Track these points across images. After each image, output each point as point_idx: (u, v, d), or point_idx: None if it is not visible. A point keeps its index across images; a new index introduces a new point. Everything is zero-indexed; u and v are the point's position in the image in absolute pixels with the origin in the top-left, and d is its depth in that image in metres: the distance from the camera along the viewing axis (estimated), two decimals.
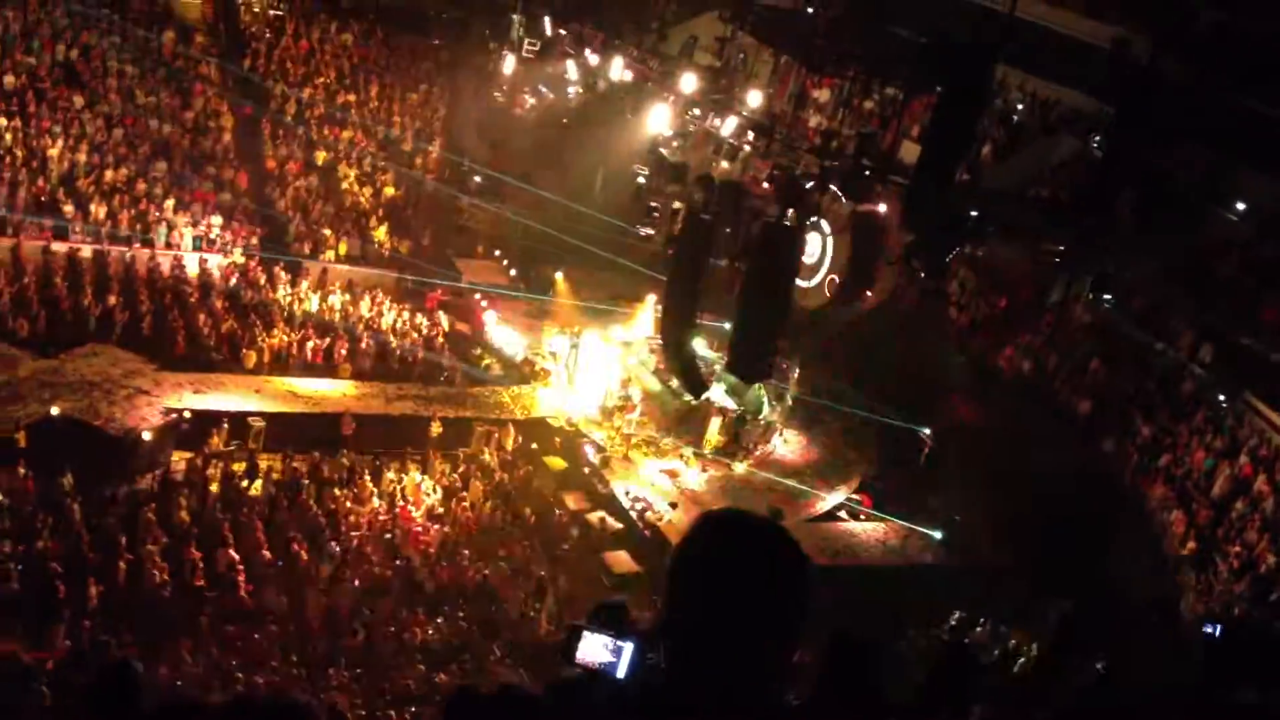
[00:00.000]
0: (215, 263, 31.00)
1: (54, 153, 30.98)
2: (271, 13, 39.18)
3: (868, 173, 24.02)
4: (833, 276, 22.78)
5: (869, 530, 26.55)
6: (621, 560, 24.31)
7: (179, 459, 24.39)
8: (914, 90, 28.97)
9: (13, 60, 32.38)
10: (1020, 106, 32.66)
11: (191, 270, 30.49)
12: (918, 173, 21.40)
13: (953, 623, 22.17)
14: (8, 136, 30.74)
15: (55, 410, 23.88)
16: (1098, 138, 29.01)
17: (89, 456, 23.11)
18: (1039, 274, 27.42)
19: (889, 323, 26.27)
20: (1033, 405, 26.70)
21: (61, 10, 34.02)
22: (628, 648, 3.02)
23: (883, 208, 22.16)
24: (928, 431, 27.59)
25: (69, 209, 30.09)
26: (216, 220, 31.81)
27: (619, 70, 29.49)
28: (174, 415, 24.95)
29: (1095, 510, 23.24)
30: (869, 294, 22.84)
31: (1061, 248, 24.84)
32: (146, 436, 24.11)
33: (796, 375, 29.06)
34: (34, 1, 33.91)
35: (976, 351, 28.55)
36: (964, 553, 25.41)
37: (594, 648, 3.06)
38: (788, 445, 29.35)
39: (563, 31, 32.53)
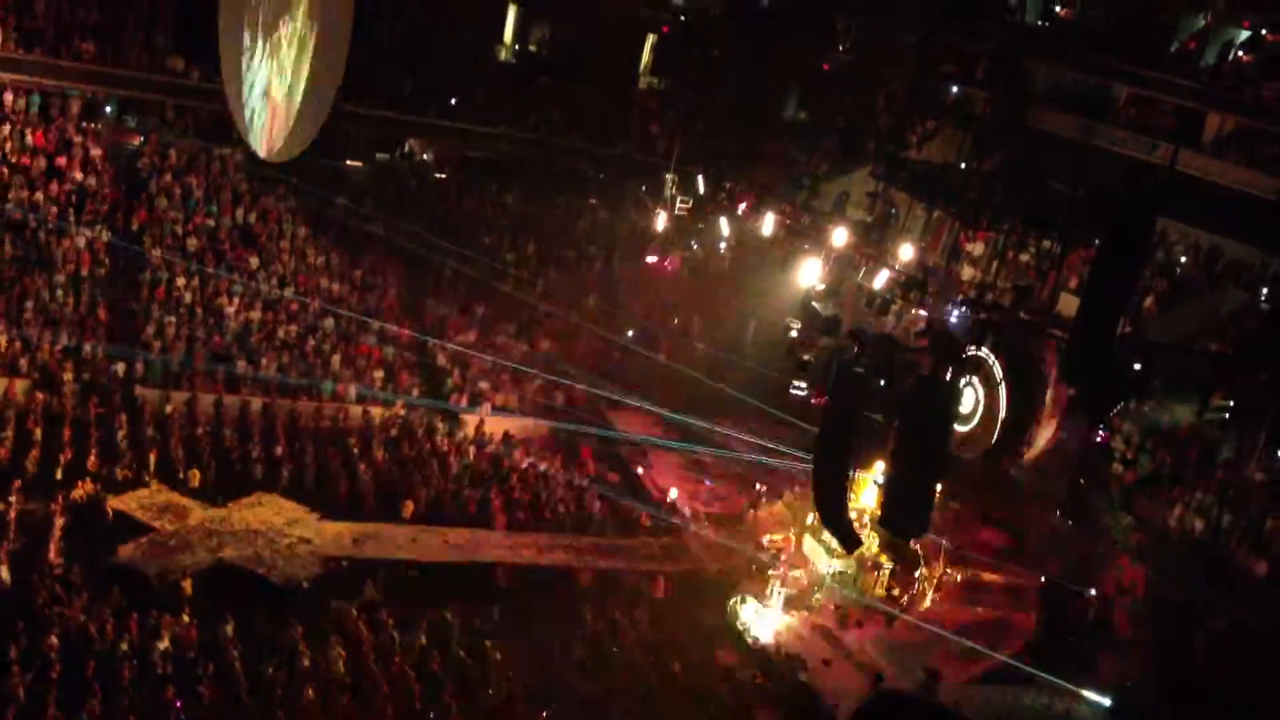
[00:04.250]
0: (377, 414, 31.96)
1: (230, 310, 32.63)
2: (436, 175, 41.00)
3: (1025, 325, 23.72)
4: (990, 430, 22.32)
5: (1032, 695, 25.38)
6: (773, 718, 23.66)
7: (337, 608, 24.78)
8: (1071, 243, 28.64)
9: (194, 224, 34.47)
10: (1184, 259, 31.97)
11: (354, 421, 31.45)
12: (1078, 325, 21.01)
13: None
14: (188, 295, 32.56)
15: (221, 558, 24.64)
16: (1265, 289, 28.16)
17: (251, 604, 23.71)
18: (1208, 429, 26.43)
19: (1050, 479, 25.54)
20: (1205, 567, 25.46)
21: (242, 176, 36.19)
22: None
23: (1041, 361, 21.75)
24: (1093, 592, 26.49)
25: (242, 364, 31.55)
26: (379, 374, 32.93)
27: (770, 225, 29.87)
28: (333, 564, 25.46)
29: (1274, 678, 21.85)
30: (1028, 449, 22.29)
31: (1231, 402, 23.96)
32: (306, 585, 24.61)
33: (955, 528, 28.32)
34: (217, 167, 36.18)
35: (1143, 510, 27.45)
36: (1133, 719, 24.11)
37: None
38: (945, 602, 28.43)
39: (715, 189, 33.21)
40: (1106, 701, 24.83)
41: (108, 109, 37.14)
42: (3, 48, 34.70)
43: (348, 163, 40.04)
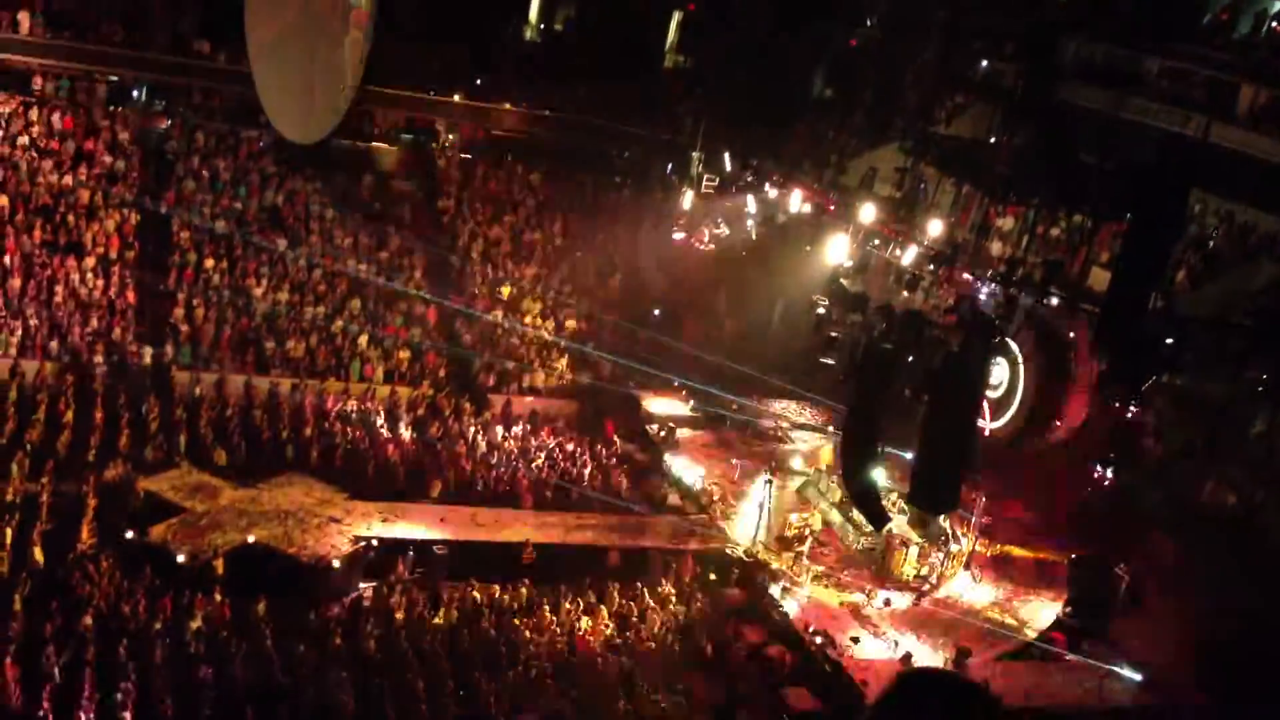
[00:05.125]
0: (405, 395, 32.07)
1: (258, 292, 32.78)
2: (462, 156, 40.98)
3: (1055, 301, 23.53)
4: (1020, 406, 22.18)
5: (1064, 670, 25.29)
6: (802, 696, 23.66)
7: (366, 587, 24.92)
8: (1103, 217, 28.36)
9: (222, 206, 34.61)
10: (1216, 232, 31.60)
11: (382, 402, 31.58)
12: (1109, 300, 20.86)
13: None
14: (216, 277, 32.71)
15: (252, 538, 24.81)
16: None
17: (282, 584, 23.87)
18: (1241, 403, 26.17)
19: (1081, 454, 25.33)
20: (1238, 541, 25.24)
21: (269, 158, 36.29)
22: None
23: (1072, 336, 21.58)
24: (1124, 566, 26.33)
25: (270, 345, 31.70)
26: (406, 354, 33.04)
27: (798, 203, 29.74)
28: (362, 544, 25.60)
29: None
30: (1059, 425, 22.13)
31: (1265, 376, 23.70)
32: (336, 565, 24.76)
33: (983, 504, 28.15)
34: (244, 149, 36.29)
35: (1175, 485, 27.24)
36: (1166, 695, 23.97)
37: None
38: (975, 578, 28.32)
39: (742, 167, 33.07)
40: (1138, 677, 24.71)
41: (135, 92, 37.27)
42: (31, 32, 34.83)
43: (374, 144, 40.04)
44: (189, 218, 34.25)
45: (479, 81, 40.47)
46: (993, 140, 32.49)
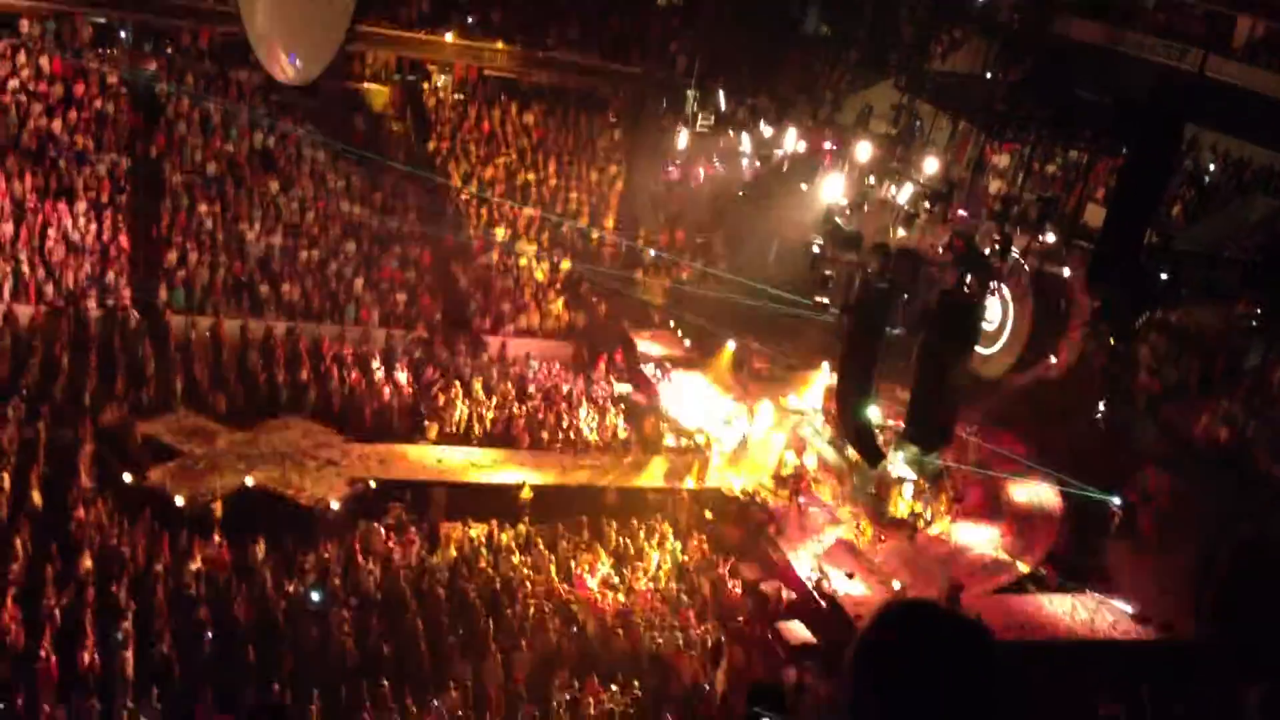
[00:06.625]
0: (400, 338, 32.06)
1: (251, 235, 32.65)
2: (455, 96, 40.68)
3: (1051, 237, 23.48)
4: (1015, 343, 22.21)
5: (1056, 603, 25.51)
6: (797, 631, 23.91)
7: (364, 528, 25.05)
8: (1099, 153, 28.26)
9: (213, 149, 34.37)
10: (1212, 167, 31.51)
11: (377, 345, 31.56)
12: (1104, 236, 20.82)
13: None
14: (208, 221, 32.57)
15: (249, 481, 24.91)
16: None
17: (280, 526, 24.00)
18: (1235, 337, 26.23)
19: (1075, 390, 25.42)
20: (1231, 474, 25.39)
21: (260, 100, 35.99)
22: None
23: (1067, 272, 21.58)
24: (1117, 502, 26.47)
25: (265, 289, 31.63)
26: (402, 297, 32.99)
27: (793, 141, 29.58)
28: (360, 485, 25.71)
29: None
30: (1053, 360, 22.18)
31: (1259, 310, 23.73)
32: (335, 506, 24.88)
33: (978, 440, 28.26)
34: (234, 91, 35.99)
35: (1169, 418, 27.35)
36: (1158, 627, 24.22)
37: None
38: (968, 514, 28.48)
39: (737, 105, 32.85)
40: (1130, 609, 24.94)
41: (123, 34, 36.88)
42: None
43: (365, 85, 39.72)
44: (180, 161, 34.03)
45: (470, 20, 40.06)
46: (989, 76, 32.31)
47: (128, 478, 24.28)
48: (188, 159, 34.04)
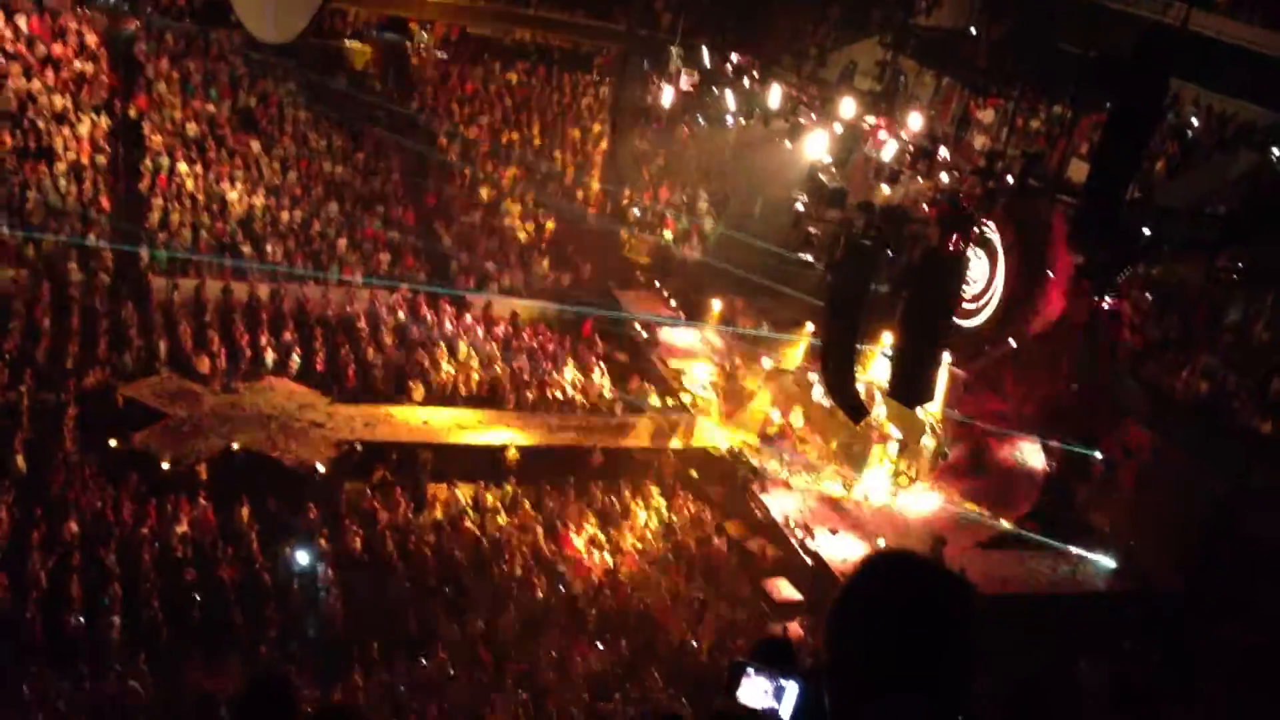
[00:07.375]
0: (384, 298, 31.93)
1: (233, 196, 32.41)
2: (439, 54, 40.34)
3: (1034, 193, 23.43)
4: (998, 299, 22.24)
5: (1038, 557, 25.71)
6: (782, 587, 24.08)
7: (350, 489, 25.07)
8: (1083, 108, 28.16)
9: (194, 109, 34.07)
10: (1195, 121, 31.45)
11: (361, 306, 31.45)
12: (1087, 192, 20.75)
13: None
14: (189, 182, 32.31)
15: (235, 444, 24.89)
16: (1277, 151, 27.74)
17: (266, 488, 24.01)
18: (1216, 292, 26.29)
19: (1057, 346, 25.49)
20: (1211, 427, 25.55)
21: (240, 59, 35.64)
22: (791, 688, 2.93)
23: (1050, 228, 21.56)
24: (1099, 456, 26.62)
25: (247, 250, 31.44)
26: (385, 257, 32.84)
27: (777, 98, 29.38)
28: (346, 447, 25.71)
29: (1277, 535, 22.07)
30: (1036, 316, 22.22)
31: (1240, 264, 23.76)
32: (320, 468, 24.89)
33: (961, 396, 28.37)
34: (214, 50, 35.63)
35: (1151, 373, 27.45)
36: (1138, 580, 24.46)
37: (755, 691, 2.97)
38: (951, 470, 28.63)
39: (721, 62, 32.56)
40: (1112, 563, 25.17)
41: None
42: None
43: (347, 43, 39.34)
44: (160, 121, 33.72)
45: None
46: (973, 31, 32.10)
47: (112, 442, 24.23)
48: (167, 119, 33.72)
